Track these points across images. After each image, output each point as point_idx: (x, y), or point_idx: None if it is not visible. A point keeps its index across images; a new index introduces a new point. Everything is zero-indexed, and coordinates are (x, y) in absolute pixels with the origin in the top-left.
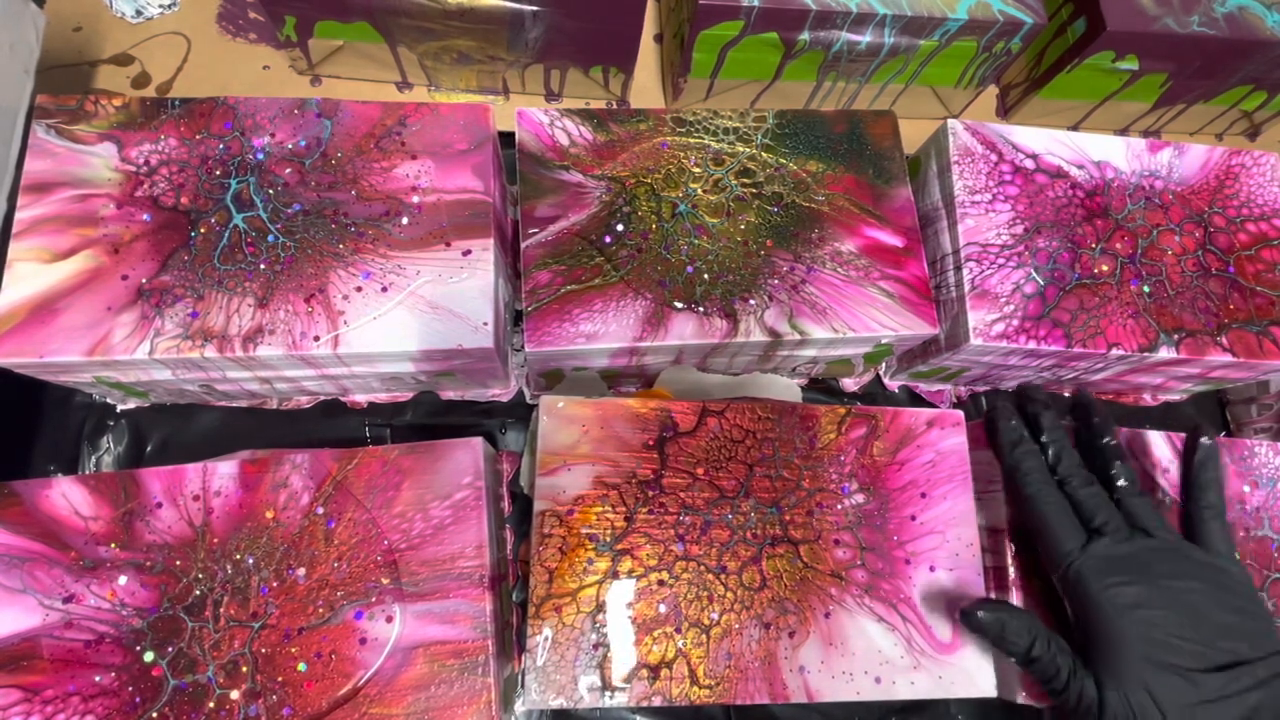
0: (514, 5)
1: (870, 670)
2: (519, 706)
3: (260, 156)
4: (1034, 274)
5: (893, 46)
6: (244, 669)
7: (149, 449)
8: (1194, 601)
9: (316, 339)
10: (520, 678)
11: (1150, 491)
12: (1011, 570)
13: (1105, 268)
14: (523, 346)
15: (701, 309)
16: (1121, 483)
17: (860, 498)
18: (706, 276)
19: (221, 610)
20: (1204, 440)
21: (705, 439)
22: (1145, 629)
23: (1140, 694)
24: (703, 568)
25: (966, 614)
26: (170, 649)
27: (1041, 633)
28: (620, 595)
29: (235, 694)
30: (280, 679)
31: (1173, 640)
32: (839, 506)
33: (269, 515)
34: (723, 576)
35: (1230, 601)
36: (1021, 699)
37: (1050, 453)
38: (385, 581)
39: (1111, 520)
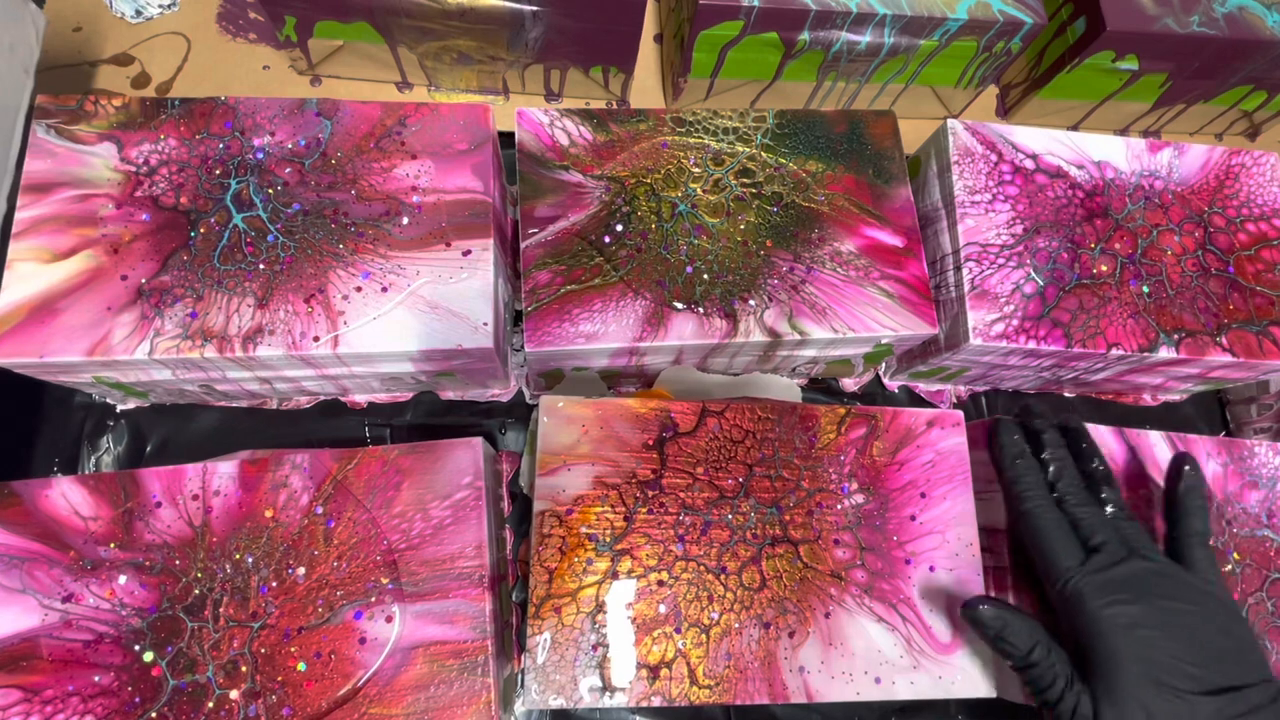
0: (514, 5)
1: (870, 670)
2: (519, 706)
3: (260, 156)
4: (1034, 274)
5: (893, 46)
6: (244, 669)
7: (149, 449)
8: (1189, 624)
9: (316, 339)
10: (520, 678)
11: (1147, 490)
12: (1011, 572)
13: (1105, 268)
14: (523, 346)
15: (701, 309)
16: (1110, 509)
17: (860, 498)
18: (706, 276)
19: (221, 610)
20: (1187, 469)
21: (705, 439)
22: (1144, 649)
23: (1138, 714)
24: (702, 568)
25: (969, 607)
26: (170, 649)
27: (1043, 639)
28: (620, 595)
29: (235, 694)
30: (280, 679)
31: (1170, 661)
32: (839, 506)
33: (269, 515)
34: (722, 577)
35: (1221, 625)
36: (1023, 698)
37: (1050, 470)
38: (385, 581)
39: (1110, 540)
